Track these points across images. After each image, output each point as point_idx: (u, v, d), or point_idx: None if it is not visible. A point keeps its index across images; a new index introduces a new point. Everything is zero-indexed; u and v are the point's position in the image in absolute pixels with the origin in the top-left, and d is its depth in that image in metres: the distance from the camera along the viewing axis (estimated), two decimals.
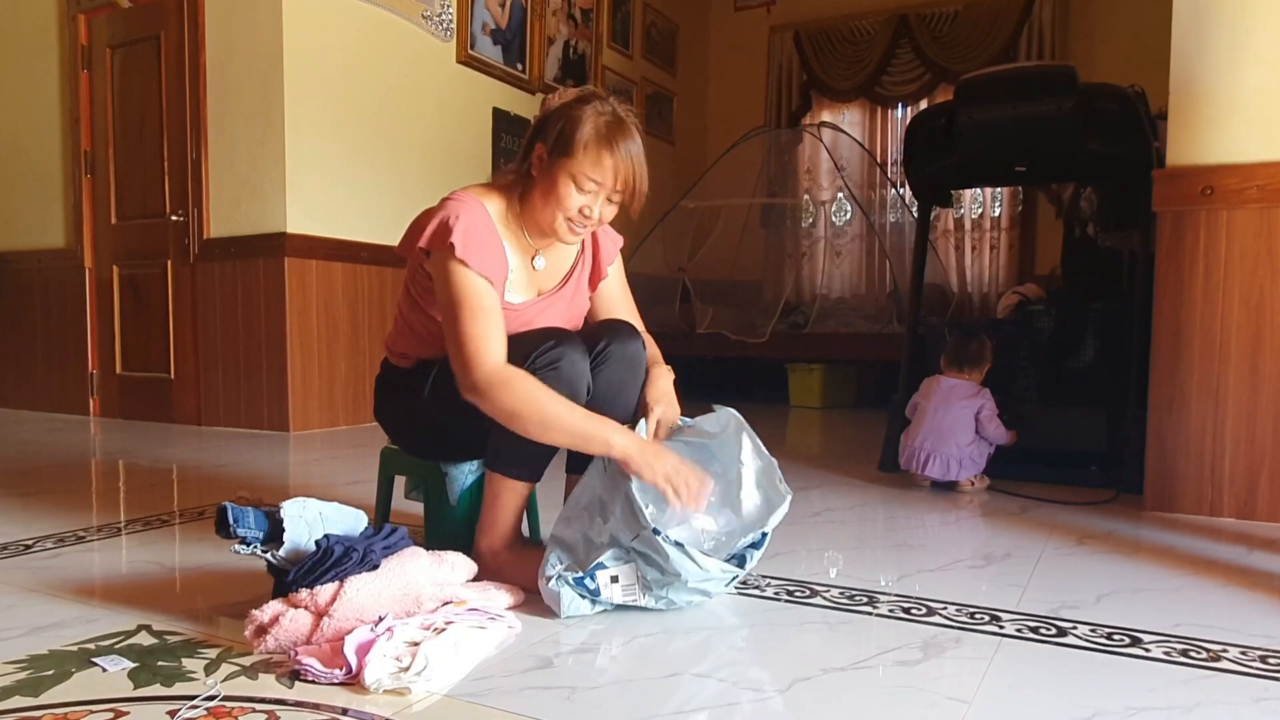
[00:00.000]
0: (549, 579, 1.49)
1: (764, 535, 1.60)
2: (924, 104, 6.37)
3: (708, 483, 1.53)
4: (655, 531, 1.43)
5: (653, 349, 1.77)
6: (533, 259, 1.70)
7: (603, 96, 1.61)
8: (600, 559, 1.48)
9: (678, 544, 1.45)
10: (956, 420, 2.65)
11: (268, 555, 1.36)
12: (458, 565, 1.50)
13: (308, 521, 1.40)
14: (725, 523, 1.63)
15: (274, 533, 1.36)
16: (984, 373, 2.78)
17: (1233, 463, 2.32)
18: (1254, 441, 2.29)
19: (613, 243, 1.83)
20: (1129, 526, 2.25)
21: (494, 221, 1.61)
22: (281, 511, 1.37)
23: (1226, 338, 2.31)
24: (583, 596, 1.49)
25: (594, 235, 1.79)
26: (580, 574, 1.48)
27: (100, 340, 4.68)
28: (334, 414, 4.17)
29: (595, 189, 1.56)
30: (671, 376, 1.74)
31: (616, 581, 1.49)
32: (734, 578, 1.57)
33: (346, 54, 4.14)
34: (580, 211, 1.57)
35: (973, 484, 2.69)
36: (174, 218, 4.29)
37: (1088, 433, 2.93)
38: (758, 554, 1.61)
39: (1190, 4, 2.34)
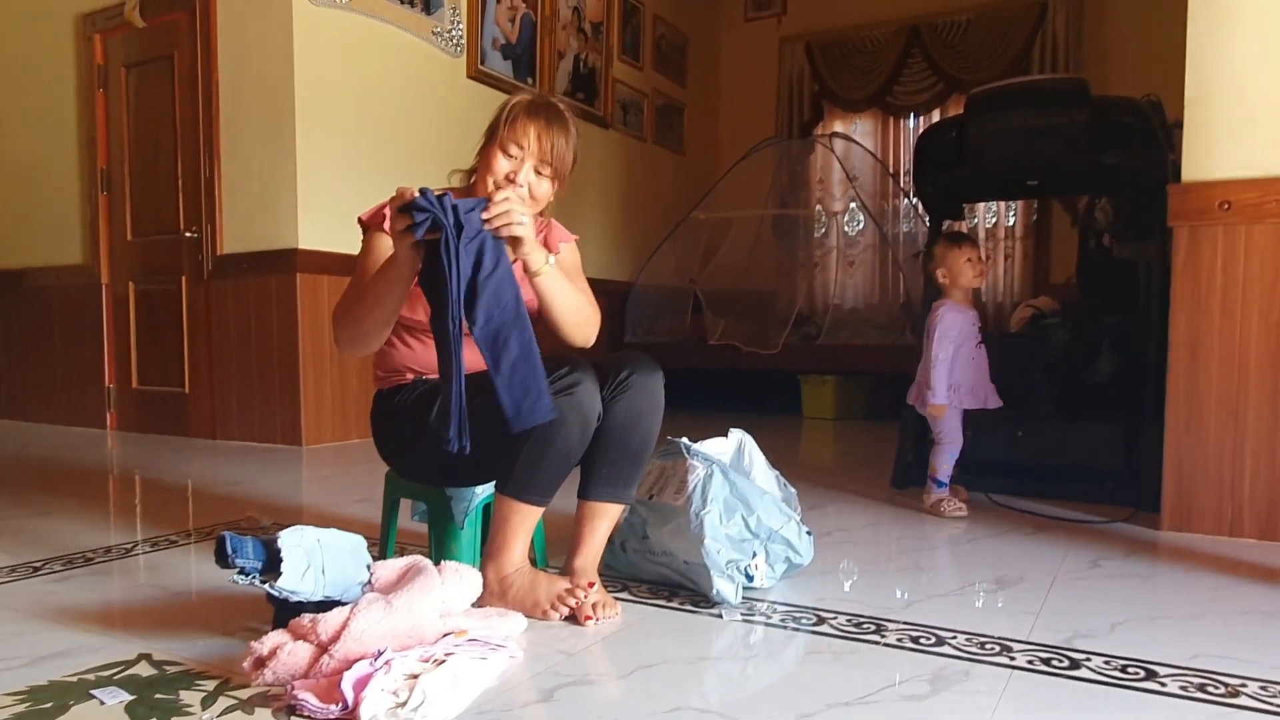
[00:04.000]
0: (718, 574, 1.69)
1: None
2: (936, 114, 6.33)
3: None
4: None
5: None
6: None
7: (543, 93, 1.76)
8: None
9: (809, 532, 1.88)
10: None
11: (266, 586, 1.35)
12: (466, 579, 1.48)
13: (305, 550, 1.39)
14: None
15: (272, 562, 1.35)
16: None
17: (1253, 482, 2.27)
18: (1275, 461, 2.25)
19: (564, 232, 1.87)
20: (1146, 547, 2.21)
21: None
22: (279, 541, 1.36)
23: (1245, 355, 2.27)
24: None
25: (547, 225, 1.84)
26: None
27: (117, 355, 4.72)
28: (346, 428, 4.18)
29: (519, 153, 1.67)
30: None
31: (758, 568, 1.77)
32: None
33: (357, 71, 4.16)
34: (507, 177, 1.66)
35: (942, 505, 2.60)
36: (188, 234, 4.32)
37: (1104, 449, 2.88)
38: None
39: (1206, 15, 2.30)
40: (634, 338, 5.86)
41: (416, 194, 1.40)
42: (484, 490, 1.79)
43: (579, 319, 1.70)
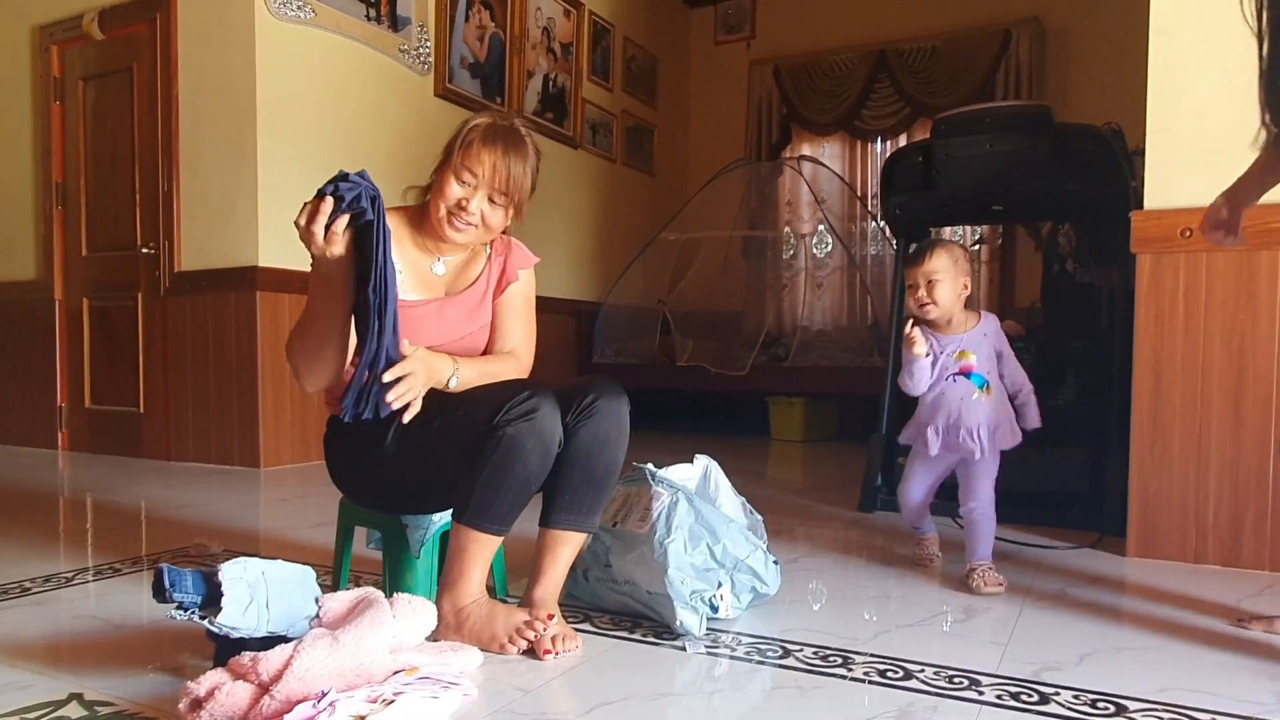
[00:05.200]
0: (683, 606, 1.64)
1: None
2: (903, 138, 6.39)
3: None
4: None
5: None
6: (432, 264, 1.76)
7: (505, 114, 1.75)
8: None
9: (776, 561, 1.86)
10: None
11: (205, 622, 1.29)
12: (419, 611, 1.43)
13: (249, 583, 1.32)
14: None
15: (213, 596, 1.28)
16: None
17: (1216, 509, 2.28)
18: (1238, 487, 2.25)
19: (525, 257, 1.85)
20: (1112, 574, 2.20)
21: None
22: (220, 574, 1.29)
23: (1209, 381, 2.28)
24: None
25: (507, 246, 1.82)
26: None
27: (70, 373, 4.59)
28: (307, 449, 4.08)
29: (472, 181, 1.65)
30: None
31: (723, 598, 1.73)
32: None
33: (321, 87, 4.10)
34: (458, 204, 1.65)
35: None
36: (145, 250, 4.22)
37: (1070, 473, 2.89)
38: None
39: (1166, 49, 2.33)
40: (602, 358, 5.82)
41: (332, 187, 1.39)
42: (441, 518, 1.74)
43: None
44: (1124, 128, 2.94)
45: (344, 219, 1.38)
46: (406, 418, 1.52)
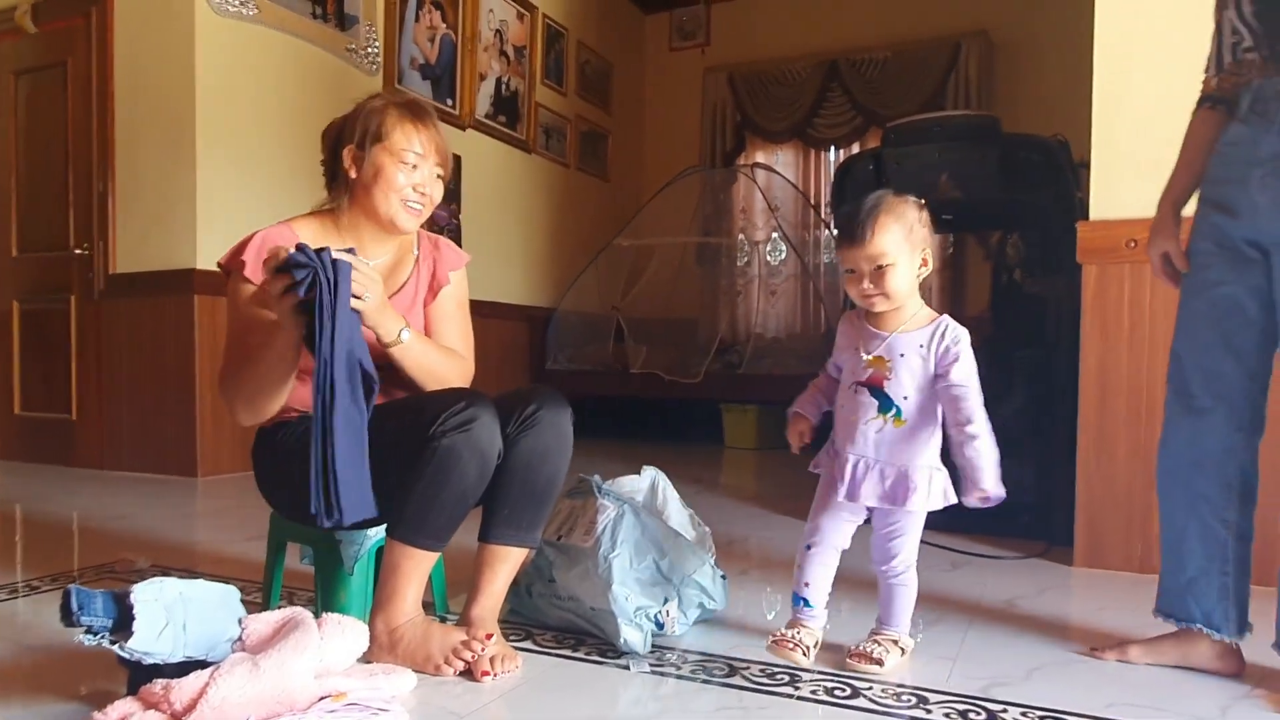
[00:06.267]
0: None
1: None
2: (856, 147, 6.43)
3: None
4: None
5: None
6: None
7: (392, 92, 1.71)
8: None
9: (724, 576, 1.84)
10: None
11: (116, 647, 1.21)
12: (349, 632, 1.36)
13: (165, 605, 1.24)
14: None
15: (124, 619, 1.21)
16: None
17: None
18: None
19: (455, 256, 1.78)
20: (1059, 584, 2.20)
21: (301, 239, 1.58)
22: (133, 596, 1.21)
23: (1153, 391, 2.29)
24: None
25: (436, 245, 1.76)
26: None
27: None
28: (246, 458, 3.89)
29: (418, 160, 1.60)
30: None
31: (670, 615, 1.67)
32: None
33: (264, 85, 3.99)
34: (415, 188, 1.60)
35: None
36: (78, 251, 4.07)
37: (1018, 483, 2.89)
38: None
39: (1111, 63, 2.35)
40: (555, 364, 5.76)
41: (291, 251, 1.31)
42: (376, 533, 1.66)
43: (435, 384, 1.61)
44: (1071, 139, 2.97)
45: (290, 298, 1.33)
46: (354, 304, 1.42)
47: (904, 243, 1.50)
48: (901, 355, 1.53)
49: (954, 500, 1.53)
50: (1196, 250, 1.58)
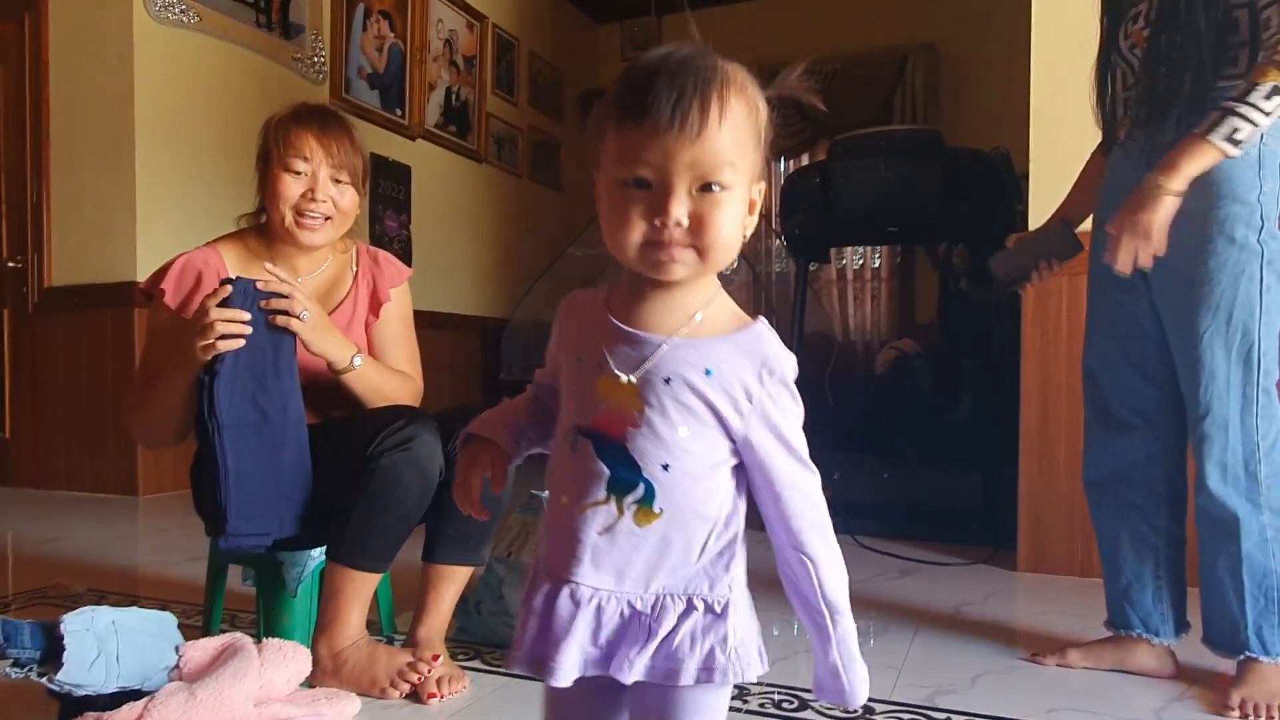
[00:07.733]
0: None
1: None
2: (805, 159, 6.50)
3: None
4: None
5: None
6: None
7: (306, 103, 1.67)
8: None
9: None
10: None
11: (45, 680, 1.17)
12: (291, 657, 1.33)
13: (97, 635, 1.21)
14: None
15: (54, 650, 1.17)
16: None
17: None
18: None
19: (396, 272, 1.75)
20: (1004, 589, 2.24)
21: (226, 262, 1.59)
22: (62, 627, 1.18)
23: None
24: None
25: (376, 260, 1.73)
26: None
27: None
28: (187, 476, 3.86)
29: (305, 166, 1.54)
30: None
31: None
32: None
33: (206, 94, 3.91)
34: (303, 197, 1.54)
35: None
36: (12, 265, 3.94)
37: (964, 489, 2.95)
38: None
39: (1048, 78, 2.41)
40: (509, 375, 5.71)
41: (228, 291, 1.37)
42: (320, 554, 1.63)
43: (383, 403, 1.60)
44: (1012, 152, 3.03)
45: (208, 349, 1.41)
46: (282, 320, 1.43)
47: (751, 152, 0.78)
48: (669, 381, 0.74)
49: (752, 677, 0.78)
50: (1097, 270, 1.65)
